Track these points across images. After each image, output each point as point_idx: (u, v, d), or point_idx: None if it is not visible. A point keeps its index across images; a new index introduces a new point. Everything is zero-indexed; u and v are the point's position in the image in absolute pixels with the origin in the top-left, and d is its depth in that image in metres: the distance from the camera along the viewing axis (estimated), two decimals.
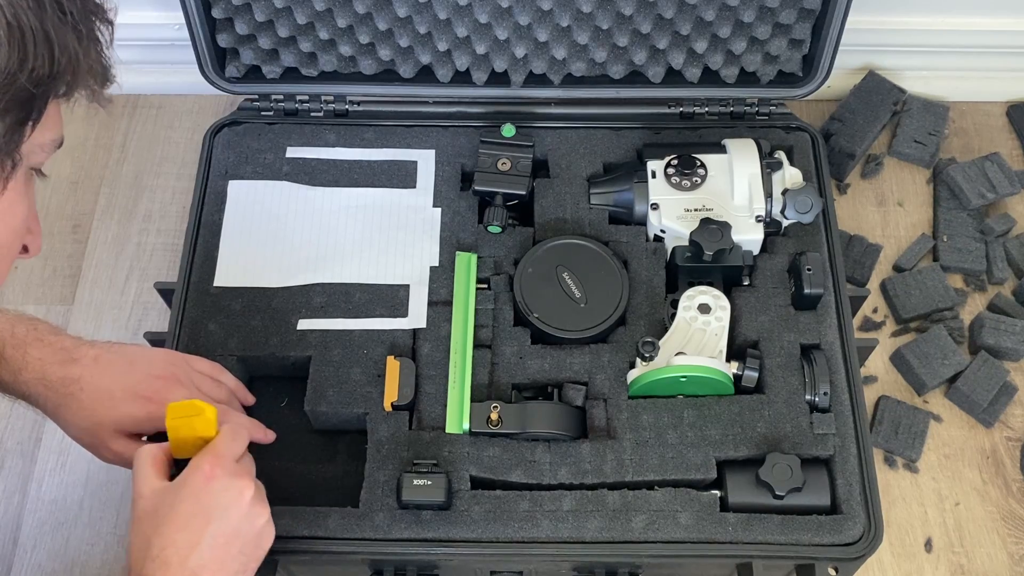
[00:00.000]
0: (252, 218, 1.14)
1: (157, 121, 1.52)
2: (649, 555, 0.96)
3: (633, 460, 0.99)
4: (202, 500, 0.82)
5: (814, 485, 0.98)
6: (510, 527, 0.96)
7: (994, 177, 1.40)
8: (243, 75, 1.19)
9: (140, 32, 1.43)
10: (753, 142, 1.11)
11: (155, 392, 0.94)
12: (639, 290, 1.08)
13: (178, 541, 0.80)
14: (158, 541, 0.80)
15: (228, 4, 1.13)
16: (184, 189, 1.42)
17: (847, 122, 1.44)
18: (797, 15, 1.13)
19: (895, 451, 1.27)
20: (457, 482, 0.98)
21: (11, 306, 1.37)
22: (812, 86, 1.18)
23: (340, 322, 1.07)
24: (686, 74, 1.19)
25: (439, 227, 1.12)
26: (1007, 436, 1.28)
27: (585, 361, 1.05)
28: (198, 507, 0.82)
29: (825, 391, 1.01)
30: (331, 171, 1.17)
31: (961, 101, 1.50)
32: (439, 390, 1.03)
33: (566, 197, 1.14)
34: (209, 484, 0.82)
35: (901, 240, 1.41)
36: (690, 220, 1.07)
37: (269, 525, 0.87)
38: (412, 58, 1.18)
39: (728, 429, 1.01)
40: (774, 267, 1.09)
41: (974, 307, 1.36)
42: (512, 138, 1.14)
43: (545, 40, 1.15)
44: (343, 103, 1.21)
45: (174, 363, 0.98)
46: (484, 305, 1.08)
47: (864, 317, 1.35)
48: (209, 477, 0.83)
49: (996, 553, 1.22)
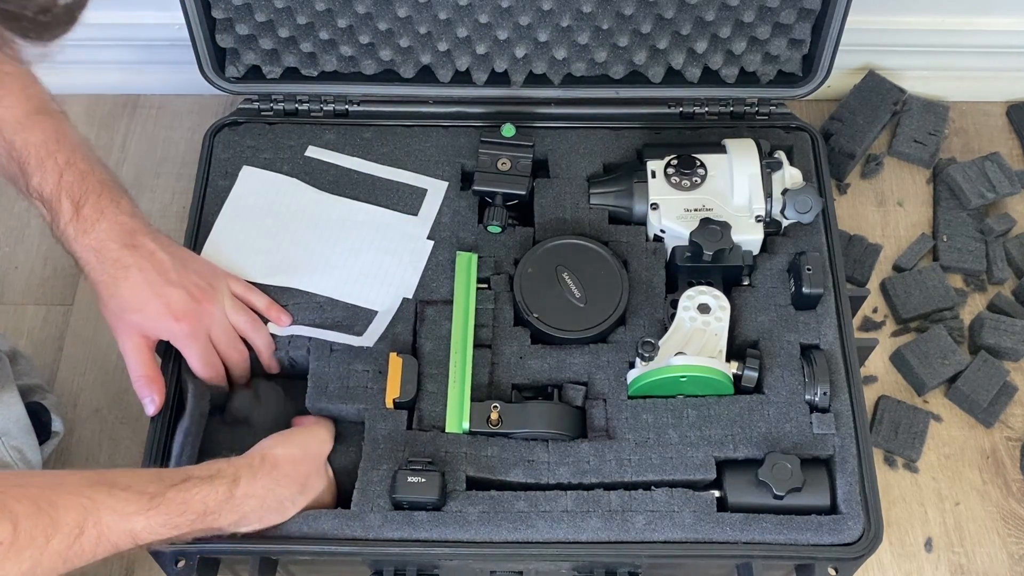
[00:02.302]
0: (253, 207, 1.14)
1: (157, 121, 1.52)
2: (648, 555, 0.96)
3: (632, 460, 0.99)
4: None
5: (814, 485, 0.98)
6: (504, 527, 0.96)
7: (994, 177, 1.40)
8: (243, 75, 1.19)
9: (140, 32, 1.43)
10: (753, 142, 1.11)
11: (184, 312, 0.99)
12: (639, 290, 1.08)
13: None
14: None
15: (228, 4, 1.13)
16: (184, 189, 1.42)
17: (847, 122, 1.44)
18: (797, 15, 1.13)
19: (895, 451, 1.27)
20: (453, 482, 0.97)
21: (11, 306, 1.38)
22: (812, 86, 1.18)
23: (299, 329, 1.07)
24: (686, 74, 1.19)
25: (426, 260, 1.11)
26: (1007, 436, 1.28)
27: (585, 361, 1.05)
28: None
29: (825, 391, 1.01)
30: (340, 178, 1.16)
31: (961, 101, 1.50)
32: (440, 389, 1.03)
33: (566, 197, 1.14)
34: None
35: (901, 240, 1.41)
36: (690, 220, 1.07)
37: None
38: (412, 58, 1.18)
39: (728, 429, 1.00)
40: (774, 267, 1.09)
41: (974, 307, 1.36)
42: (512, 138, 1.14)
43: (545, 40, 1.15)
44: (343, 103, 1.21)
45: (214, 283, 1.03)
46: (484, 305, 1.08)
47: (864, 317, 1.36)
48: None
49: (996, 553, 1.22)
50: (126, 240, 0.98)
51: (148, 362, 1.01)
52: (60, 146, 0.98)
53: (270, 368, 1.08)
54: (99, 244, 0.97)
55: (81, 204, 0.97)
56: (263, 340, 1.06)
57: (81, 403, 1.31)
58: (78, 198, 0.97)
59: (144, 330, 1.00)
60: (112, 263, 0.97)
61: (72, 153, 0.98)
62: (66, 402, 1.30)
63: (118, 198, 1.00)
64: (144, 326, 0.99)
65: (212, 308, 1.01)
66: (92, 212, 0.97)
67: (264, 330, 1.06)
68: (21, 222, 1.44)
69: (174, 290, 0.99)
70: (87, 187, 0.98)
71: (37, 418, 1.14)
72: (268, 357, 1.06)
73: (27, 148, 0.97)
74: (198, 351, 1.01)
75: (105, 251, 0.97)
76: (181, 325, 0.99)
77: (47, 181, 0.97)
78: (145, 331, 1.00)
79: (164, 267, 0.99)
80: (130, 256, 0.97)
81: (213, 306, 1.02)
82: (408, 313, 1.08)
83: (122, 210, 0.99)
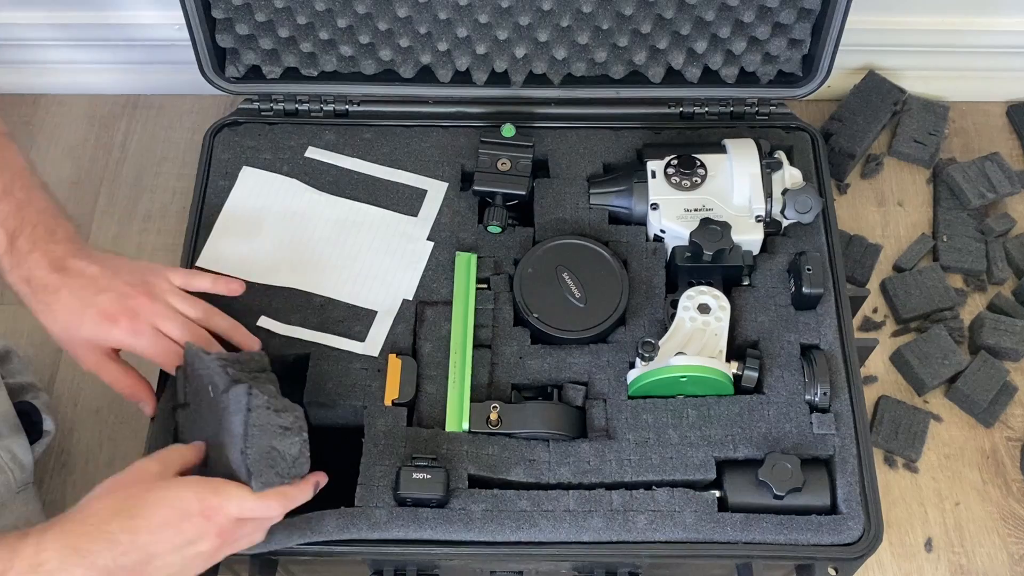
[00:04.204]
0: (253, 208, 1.14)
1: (157, 121, 1.52)
2: (649, 555, 0.96)
3: (632, 460, 0.99)
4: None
5: (814, 485, 0.98)
6: (508, 527, 0.96)
7: (994, 177, 1.40)
8: (243, 75, 1.19)
9: (140, 32, 1.43)
10: (753, 142, 1.11)
11: (118, 312, 0.96)
12: (639, 290, 1.08)
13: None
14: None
15: (228, 4, 1.13)
16: (184, 189, 1.42)
17: (847, 122, 1.44)
18: (797, 15, 1.13)
19: (895, 451, 1.27)
20: (456, 480, 0.97)
21: (11, 306, 1.37)
22: (812, 86, 1.18)
23: (298, 330, 1.07)
24: (686, 74, 1.19)
25: (426, 261, 1.11)
26: (1007, 436, 1.28)
27: (585, 361, 1.05)
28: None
29: (825, 391, 1.01)
30: (340, 179, 1.16)
31: (961, 101, 1.50)
32: (440, 390, 1.03)
33: (566, 197, 1.14)
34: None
35: (901, 240, 1.41)
36: (690, 220, 1.07)
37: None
38: (412, 58, 1.18)
39: (728, 429, 1.00)
40: (774, 267, 1.09)
41: (974, 307, 1.36)
42: (512, 138, 1.14)
43: (545, 40, 1.15)
44: (343, 103, 1.21)
45: (148, 278, 1.00)
46: (484, 305, 1.08)
47: (864, 317, 1.36)
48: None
49: (996, 553, 1.22)
50: (55, 265, 0.96)
51: (118, 373, 1.00)
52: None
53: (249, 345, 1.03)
54: (29, 274, 0.96)
55: (16, 235, 0.96)
56: (223, 323, 1.02)
57: (81, 403, 1.31)
58: (13, 229, 0.96)
59: (93, 342, 0.98)
60: (42, 289, 0.96)
61: (11, 182, 0.97)
62: (66, 402, 1.30)
63: (54, 227, 0.98)
64: (91, 339, 0.97)
65: (147, 302, 0.98)
66: (25, 243, 0.96)
67: (218, 314, 1.02)
68: None
69: (104, 296, 0.97)
70: (23, 218, 0.96)
71: (28, 417, 1.14)
72: (240, 337, 1.03)
73: None
74: (148, 344, 0.98)
75: (35, 280, 0.96)
76: (120, 325, 0.96)
77: None
78: (94, 343, 0.98)
79: (93, 279, 0.97)
80: (59, 279, 0.96)
81: (149, 300, 0.98)
82: (408, 314, 1.08)
83: (56, 239, 0.97)
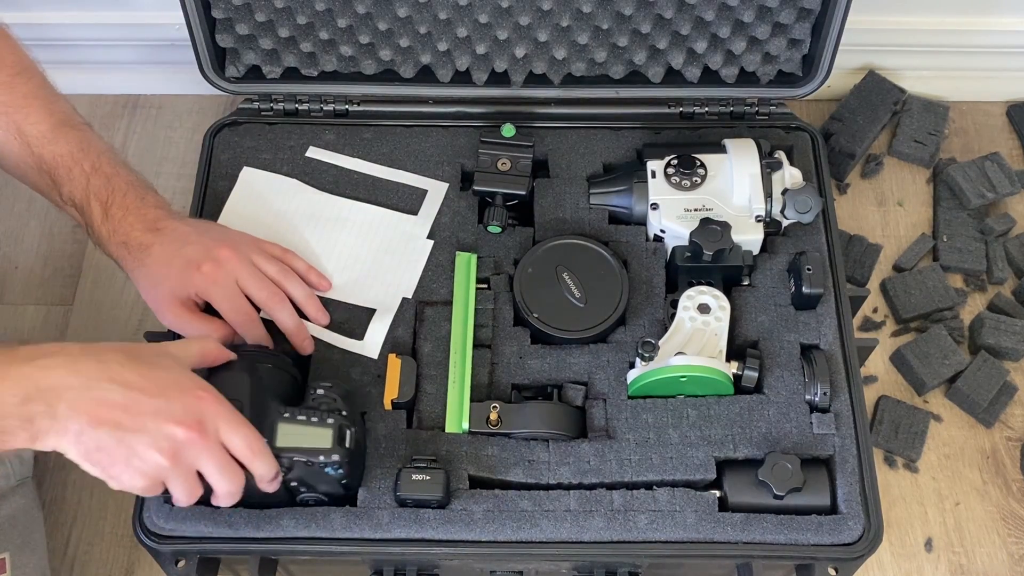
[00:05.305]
0: (253, 208, 1.14)
1: (157, 121, 1.52)
2: (649, 555, 0.96)
3: (632, 460, 0.99)
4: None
5: (814, 485, 0.98)
6: (509, 527, 0.96)
7: (994, 177, 1.40)
8: (243, 75, 1.19)
9: (140, 32, 1.43)
10: (753, 142, 1.11)
11: (207, 259, 1.00)
12: (639, 290, 1.08)
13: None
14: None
15: (228, 4, 1.13)
16: (184, 189, 1.42)
17: (847, 122, 1.45)
18: (797, 15, 1.13)
19: (895, 451, 1.27)
20: (456, 480, 0.97)
21: (11, 306, 1.38)
22: (812, 86, 1.18)
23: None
24: (686, 74, 1.19)
25: (425, 260, 1.11)
26: (1007, 436, 1.29)
27: (585, 361, 1.05)
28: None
29: (825, 391, 1.01)
30: (340, 178, 1.16)
31: (961, 101, 1.51)
32: (439, 390, 1.03)
33: (566, 197, 1.14)
34: None
35: (901, 240, 1.41)
36: (690, 220, 1.07)
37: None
38: (412, 58, 1.18)
39: (728, 429, 1.01)
40: (774, 267, 1.09)
41: (974, 307, 1.36)
42: (512, 138, 1.14)
43: (545, 40, 1.15)
44: (343, 103, 1.21)
45: (238, 240, 1.04)
46: (484, 305, 1.08)
47: (864, 317, 1.36)
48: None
49: (996, 553, 1.22)
50: (150, 227, 1.01)
51: (199, 322, 1.00)
52: (86, 154, 1.02)
53: (317, 319, 1.05)
54: (126, 237, 1.00)
55: (109, 204, 1.00)
56: (298, 291, 1.04)
57: None
58: (105, 199, 1.00)
59: (175, 293, 1.00)
60: (138, 248, 1.00)
61: (97, 159, 1.02)
62: None
63: (143, 194, 1.03)
64: (174, 289, 1.00)
65: (232, 254, 1.01)
66: (119, 211, 1.01)
67: (297, 280, 1.05)
68: (21, 222, 1.44)
69: (191, 247, 1.00)
70: (113, 188, 1.01)
71: None
72: (313, 309, 1.04)
73: (55, 160, 1.01)
74: (224, 297, 1.00)
75: (132, 242, 1.00)
76: (202, 270, 0.99)
77: (76, 188, 1.01)
78: (176, 294, 1.00)
79: (184, 235, 1.01)
80: (154, 237, 1.00)
81: (234, 253, 1.01)
82: (408, 313, 1.08)
83: (147, 204, 1.02)
